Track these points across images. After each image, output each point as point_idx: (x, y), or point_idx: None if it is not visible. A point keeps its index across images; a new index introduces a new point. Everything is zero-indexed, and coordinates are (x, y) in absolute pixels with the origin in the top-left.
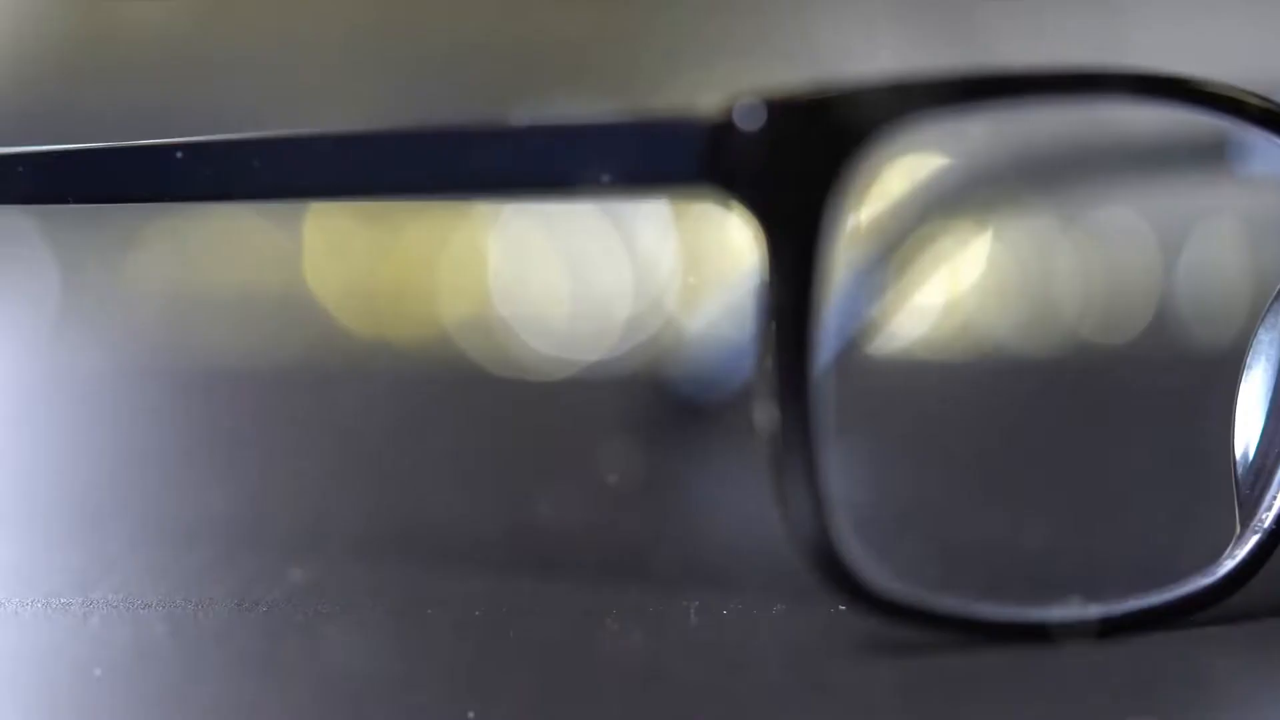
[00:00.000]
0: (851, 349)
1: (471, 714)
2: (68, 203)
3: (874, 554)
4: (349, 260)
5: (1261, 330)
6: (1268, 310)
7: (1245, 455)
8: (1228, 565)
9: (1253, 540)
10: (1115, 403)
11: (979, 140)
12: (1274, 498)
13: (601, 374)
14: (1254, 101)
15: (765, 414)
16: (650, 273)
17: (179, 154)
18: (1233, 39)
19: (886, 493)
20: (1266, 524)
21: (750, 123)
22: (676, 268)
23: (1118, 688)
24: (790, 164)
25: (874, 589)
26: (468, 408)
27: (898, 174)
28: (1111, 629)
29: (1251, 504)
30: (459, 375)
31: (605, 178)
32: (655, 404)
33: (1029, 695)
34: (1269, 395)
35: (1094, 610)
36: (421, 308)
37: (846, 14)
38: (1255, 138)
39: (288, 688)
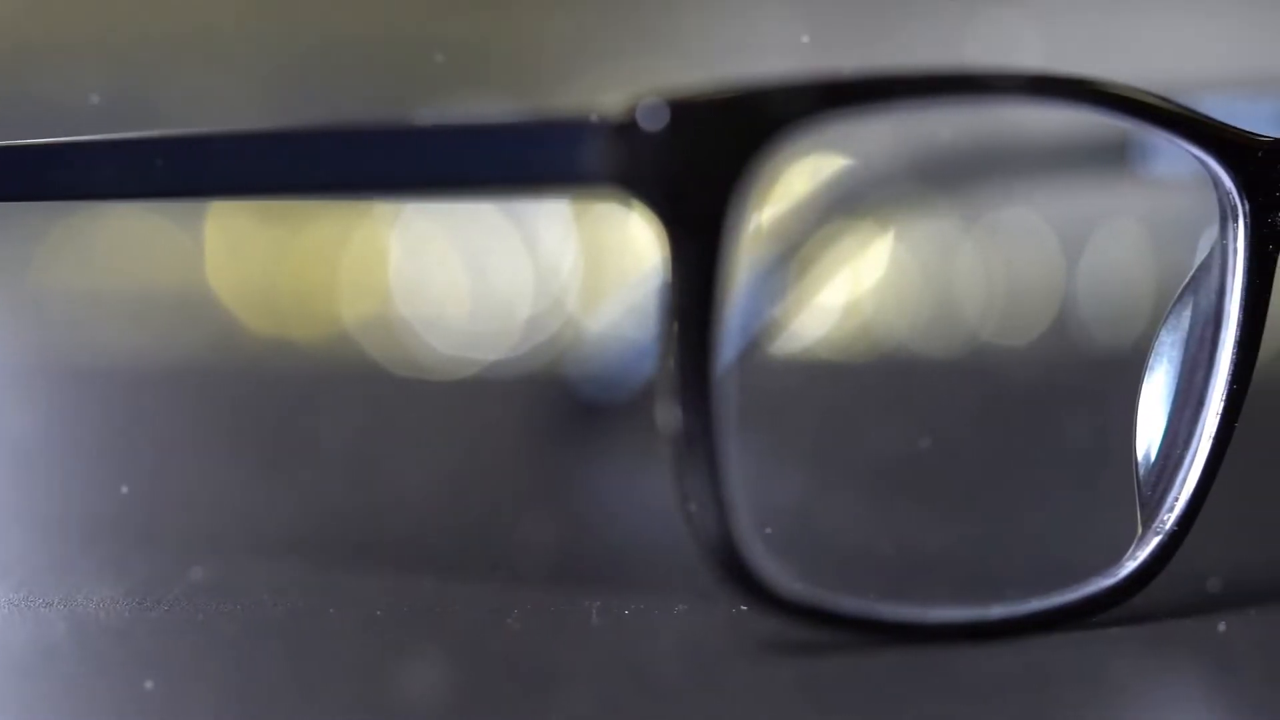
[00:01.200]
0: (753, 349)
1: (373, 713)
2: None
3: (776, 554)
4: (249, 259)
5: (1163, 332)
6: (1170, 312)
7: (1147, 457)
8: (1129, 566)
9: (1154, 541)
10: (1017, 404)
11: (881, 141)
12: (1175, 499)
13: (502, 373)
14: (1154, 102)
15: (667, 414)
16: (551, 272)
17: (76, 152)
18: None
19: (788, 493)
20: (1168, 525)
21: (653, 123)
22: (578, 268)
23: (1019, 689)
24: (693, 164)
25: (775, 589)
26: (368, 407)
27: (800, 174)
28: (1013, 630)
29: (1153, 505)
30: (359, 374)
31: (508, 177)
32: (556, 404)
33: (930, 696)
34: (1171, 397)
35: (995, 611)
36: (322, 307)
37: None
38: (1156, 139)
39: (189, 686)
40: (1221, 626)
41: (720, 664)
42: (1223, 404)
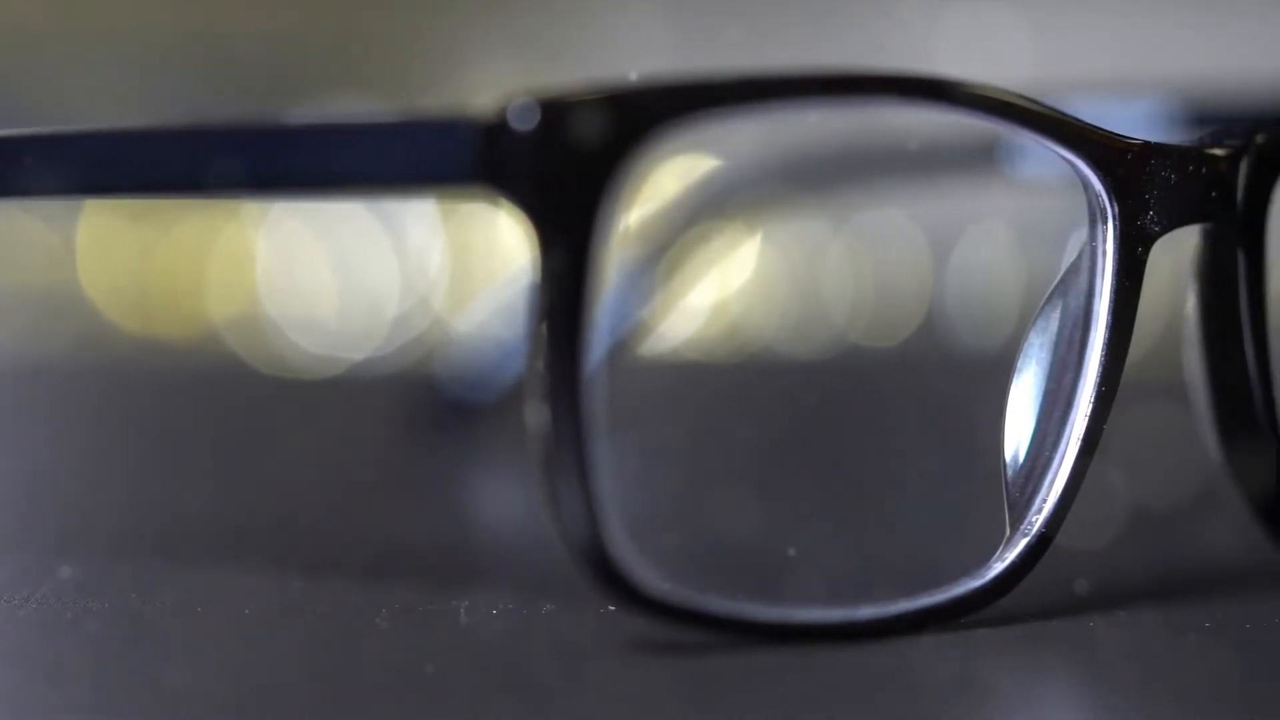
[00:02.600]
0: (622, 349)
1: (239, 712)
2: None
3: (644, 554)
4: (118, 258)
5: (1032, 333)
6: (1039, 313)
7: (1015, 458)
8: (997, 568)
9: (1022, 543)
10: (885, 405)
11: (751, 141)
12: (1043, 501)
13: (369, 372)
14: (1024, 105)
15: (536, 414)
16: (419, 272)
17: None
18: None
19: (657, 494)
20: (1035, 527)
21: (524, 123)
22: (446, 267)
23: (888, 689)
24: (563, 164)
25: (643, 589)
26: (235, 405)
27: (670, 175)
28: (882, 630)
29: (1021, 507)
30: (227, 373)
31: (379, 177)
32: (424, 403)
33: (798, 696)
34: (1039, 398)
35: (864, 612)
36: (190, 305)
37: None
38: (1027, 141)
39: (56, 683)
40: (1090, 627)
41: (588, 664)
42: (1091, 405)
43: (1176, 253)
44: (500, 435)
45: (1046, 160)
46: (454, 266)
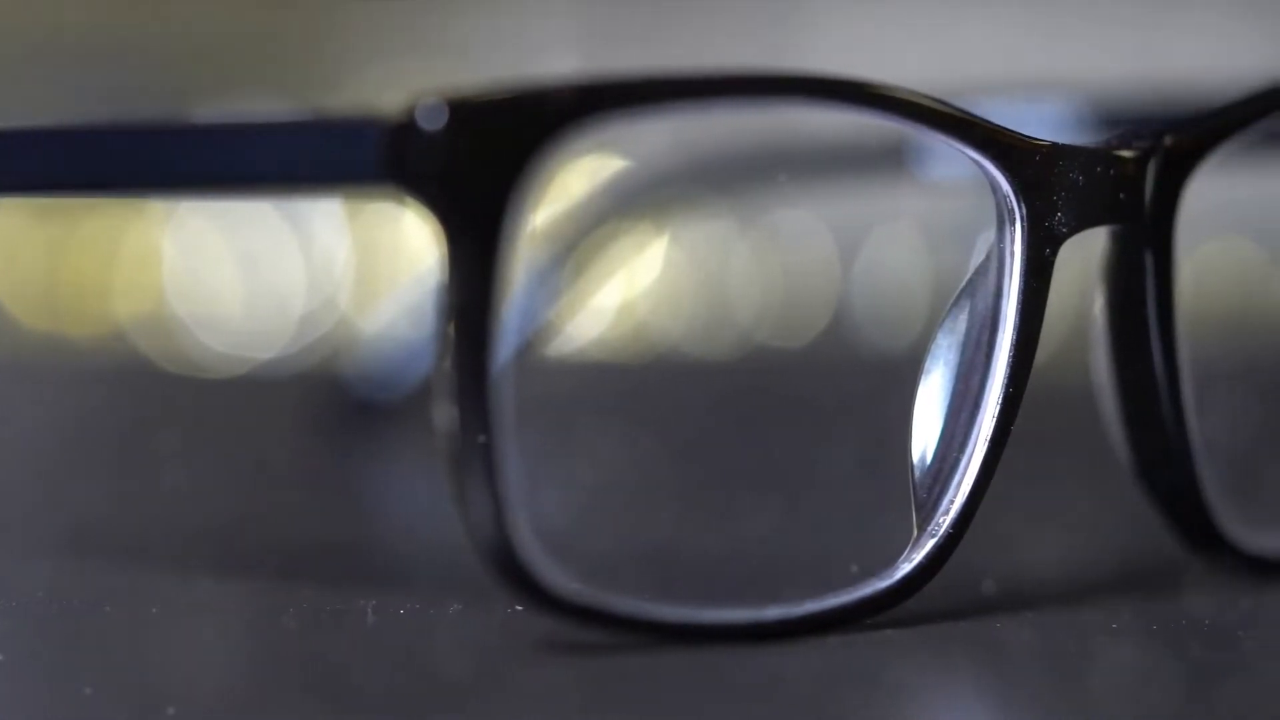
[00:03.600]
0: (530, 349)
1: (145, 711)
2: None
3: (552, 555)
4: (24, 256)
5: (940, 334)
6: (947, 314)
7: (923, 459)
8: (904, 569)
9: (929, 544)
10: (793, 406)
11: (659, 142)
12: (950, 502)
13: (275, 371)
14: (932, 106)
15: (443, 413)
16: (326, 271)
17: None
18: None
19: (565, 494)
20: (943, 528)
21: (432, 122)
22: (353, 266)
23: (795, 689)
24: (471, 164)
25: (551, 589)
26: (142, 404)
27: (577, 175)
28: (789, 631)
29: (928, 508)
30: (133, 371)
31: (286, 176)
32: (331, 402)
33: (704, 697)
34: (947, 399)
35: (772, 612)
36: (96, 304)
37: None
38: (935, 142)
39: None
40: (997, 627)
41: (495, 663)
42: (999, 407)
43: (1085, 254)
44: (407, 435)
45: (955, 161)
46: (361, 266)
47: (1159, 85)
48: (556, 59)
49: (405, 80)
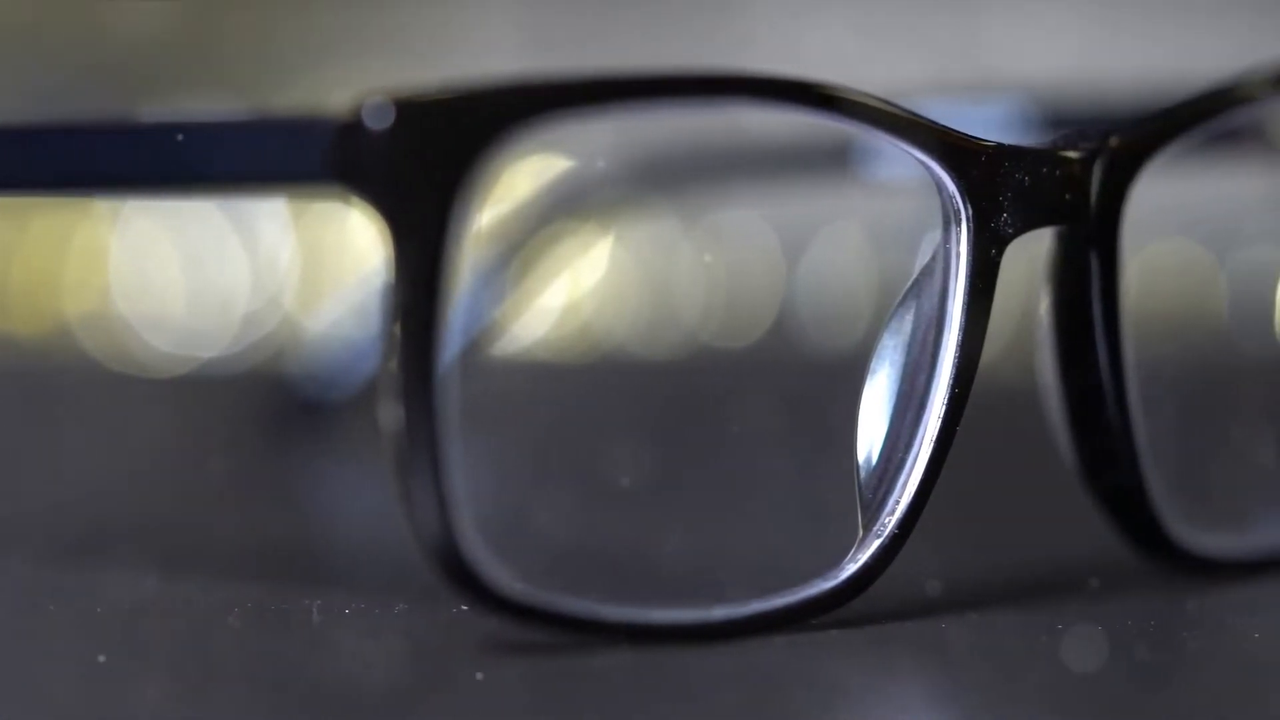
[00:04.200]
0: (475, 349)
1: (89, 711)
2: None
3: (497, 554)
4: None
5: (886, 335)
6: (892, 315)
7: (869, 460)
8: (849, 569)
9: (875, 544)
10: (738, 406)
11: (604, 142)
12: (896, 502)
13: (219, 370)
14: (878, 106)
15: (389, 413)
16: (270, 270)
17: None
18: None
19: (511, 494)
20: (888, 528)
21: (378, 122)
22: (298, 266)
23: (740, 689)
24: (417, 164)
25: (496, 589)
26: (86, 403)
27: (523, 175)
28: (734, 631)
29: (874, 508)
30: (77, 370)
31: (232, 176)
32: (275, 402)
33: (651, 697)
34: (893, 400)
35: (717, 613)
36: (41, 302)
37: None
38: (881, 143)
39: None
40: (942, 628)
41: (441, 663)
42: (944, 407)
43: (1030, 255)
44: (353, 435)
45: (901, 162)
46: (306, 265)
47: (1106, 86)
48: (503, 59)
49: (352, 80)
